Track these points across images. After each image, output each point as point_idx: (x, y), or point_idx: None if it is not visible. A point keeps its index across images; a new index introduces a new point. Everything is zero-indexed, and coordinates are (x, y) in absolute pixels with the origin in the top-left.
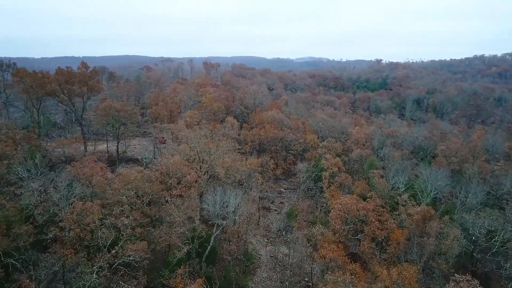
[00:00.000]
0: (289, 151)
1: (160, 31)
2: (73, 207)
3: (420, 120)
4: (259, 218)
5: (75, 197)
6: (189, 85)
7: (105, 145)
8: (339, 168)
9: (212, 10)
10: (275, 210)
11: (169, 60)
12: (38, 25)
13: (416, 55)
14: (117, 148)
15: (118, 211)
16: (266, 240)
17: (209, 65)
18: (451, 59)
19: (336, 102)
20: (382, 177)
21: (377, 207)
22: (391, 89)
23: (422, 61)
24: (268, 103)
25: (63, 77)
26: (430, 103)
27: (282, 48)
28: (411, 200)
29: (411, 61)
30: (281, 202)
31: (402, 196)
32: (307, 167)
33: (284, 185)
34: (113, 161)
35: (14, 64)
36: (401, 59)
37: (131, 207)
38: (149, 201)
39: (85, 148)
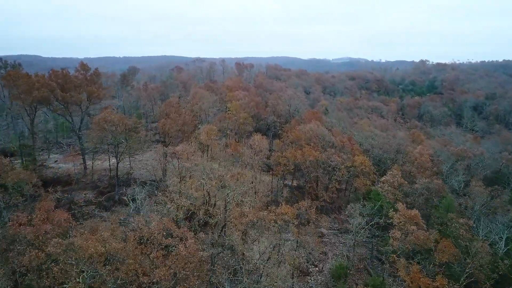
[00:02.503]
0: (332, 177)
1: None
2: None
3: (482, 131)
4: (293, 286)
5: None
6: (218, 88)
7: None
8: (417, 223)
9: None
10: (315, 267)
11: (200, 60)
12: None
13: (463, 55)
14: (117, 170)
15: None
16: None
17: (241, 65)
18: (504, 60)
19: (383, 109)
20: (470, 228)
21: None
22: (441, 93)
23: (471, 62)
24: (305, 111)
25: (57, 81)
26: (491, 110)
27: (318, 48)
28: None
29: (457, 62)
30: (323, 252)
31: None
32: (361, 209)
33: (326, 222)
34: (114, 185)
35: (19, 65)
36: (446, 60)
37: None
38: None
39: (85, 166)
